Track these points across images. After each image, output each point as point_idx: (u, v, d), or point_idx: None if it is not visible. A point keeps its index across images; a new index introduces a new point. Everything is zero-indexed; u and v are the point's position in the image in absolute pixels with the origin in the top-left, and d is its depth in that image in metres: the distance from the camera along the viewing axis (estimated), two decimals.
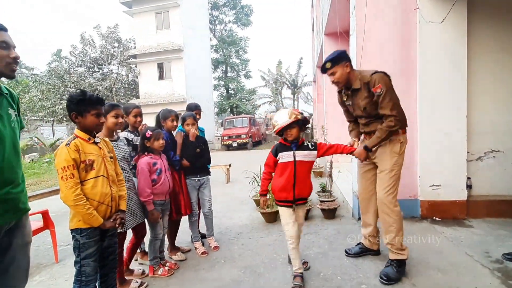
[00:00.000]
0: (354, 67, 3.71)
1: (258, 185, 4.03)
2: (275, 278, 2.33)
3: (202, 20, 21.09)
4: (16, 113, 1.44)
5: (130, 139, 2.58)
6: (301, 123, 2.15)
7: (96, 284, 1.79)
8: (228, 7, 29.70)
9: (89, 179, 1.64)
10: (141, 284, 2.33)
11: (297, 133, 2.14)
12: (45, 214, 3.01)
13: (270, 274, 2.40)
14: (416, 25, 3.24)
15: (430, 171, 3.27)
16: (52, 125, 21.94)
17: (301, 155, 2.15)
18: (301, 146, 2.17)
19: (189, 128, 2.85)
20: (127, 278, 2.37)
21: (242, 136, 17.16)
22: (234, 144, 17.19)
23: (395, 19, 3.32)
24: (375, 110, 2.20)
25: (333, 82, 2.29)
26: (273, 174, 2.28)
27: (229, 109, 28.16)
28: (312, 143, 2.22)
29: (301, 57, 20.87)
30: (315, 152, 2.19)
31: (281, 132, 2.17)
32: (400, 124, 2.13)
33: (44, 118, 19.67)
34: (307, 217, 3.70)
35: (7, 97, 1.40)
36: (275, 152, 2.20)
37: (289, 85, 20.63)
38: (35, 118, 18.70)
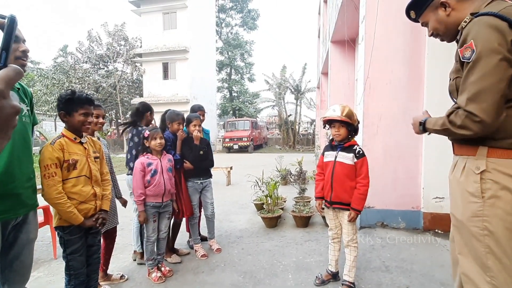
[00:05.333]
0: (362, 75, 3.74)
1: (260, 189, 4.01)
2: (275, 284, 2.30)
3: (208, 22, 21.24)
4: (28, 108, 1.44)
5: None
6: (348, 126, 2.06)
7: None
8: (235, 10, 29.94)
9: (71, 178, 1.64)
10: (122, 276, 2.44)
11: (345, 134, 2.08)
12: (46, 210, 3.00)
13: (270, 280, 2.37)
14: (425, 35, 3.25)
15: (434, 183, 3.24)
16: (55, 119, 22.00)
17: (343, 157, 2.08)
18: (346, 149, 2.09)
19: (194, 129, 2.82)
20: (104, 283, 2.35)
21: (243, 139, 17.19)
22: (235, 147, 17.21)
23: (405, 29, 3.33)
24: (457, 92, 1.17)
25: (431, 35, 1.35)
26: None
27: (231, 111, 28.22)
28: (361, 152, 2.08)
29: (305, 63, 20.86)
30: (356, 160, 2.07)
31: (329, 125, 2.14)
32: (479, 131, 1.04)
33: (47, 113, 19.75)
34: (308, 223, 3.69)
35: (18, 92, 1.40)
36: (323, 152, 2.25)
37: (293, 90, 20.64)
38: (39, 112, 18.78)
